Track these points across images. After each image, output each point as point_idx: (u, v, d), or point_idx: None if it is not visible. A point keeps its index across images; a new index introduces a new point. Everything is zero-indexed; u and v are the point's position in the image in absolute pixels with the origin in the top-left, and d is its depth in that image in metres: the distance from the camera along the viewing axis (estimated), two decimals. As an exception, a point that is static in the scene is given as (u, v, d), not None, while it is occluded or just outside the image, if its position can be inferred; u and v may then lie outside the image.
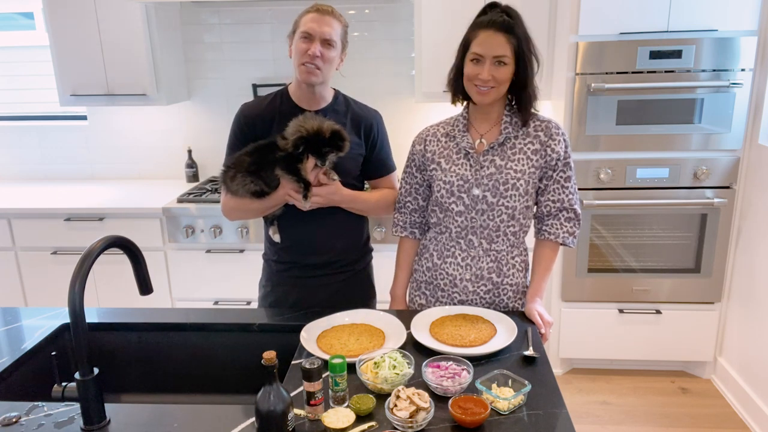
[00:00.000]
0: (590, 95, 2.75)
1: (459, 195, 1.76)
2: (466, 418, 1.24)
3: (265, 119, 1.81)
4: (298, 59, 1.74)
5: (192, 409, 1.34)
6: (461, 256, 1.81)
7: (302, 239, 1.87)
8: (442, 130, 1.86)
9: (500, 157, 1.74)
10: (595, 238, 2.95)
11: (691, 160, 2.81)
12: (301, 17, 1.76)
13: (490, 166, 1.74)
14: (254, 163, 1.74)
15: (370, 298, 2.06)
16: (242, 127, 1.83)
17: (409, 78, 3.36)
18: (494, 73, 1.65)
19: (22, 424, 1.29)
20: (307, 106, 1.82)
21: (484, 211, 1.75)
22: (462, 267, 1.81)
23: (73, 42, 3.07)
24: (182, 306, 3.15)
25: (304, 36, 1.73)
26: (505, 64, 1.65)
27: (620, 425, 2.78)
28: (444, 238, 1.83)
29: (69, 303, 1.20)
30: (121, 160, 3.62)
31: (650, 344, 3.07)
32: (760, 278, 2.72)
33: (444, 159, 1.80)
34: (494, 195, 1.73)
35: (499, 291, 1.81)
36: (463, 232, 1.79)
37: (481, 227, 1.77)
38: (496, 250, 1.79)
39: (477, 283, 1.80)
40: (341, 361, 1.31)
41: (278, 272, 1.95)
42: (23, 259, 3.15)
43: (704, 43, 2.66)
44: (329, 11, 1.77)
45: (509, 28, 1.64)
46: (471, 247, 1.79)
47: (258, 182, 1.74)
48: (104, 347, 1.74)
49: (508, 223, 1.76)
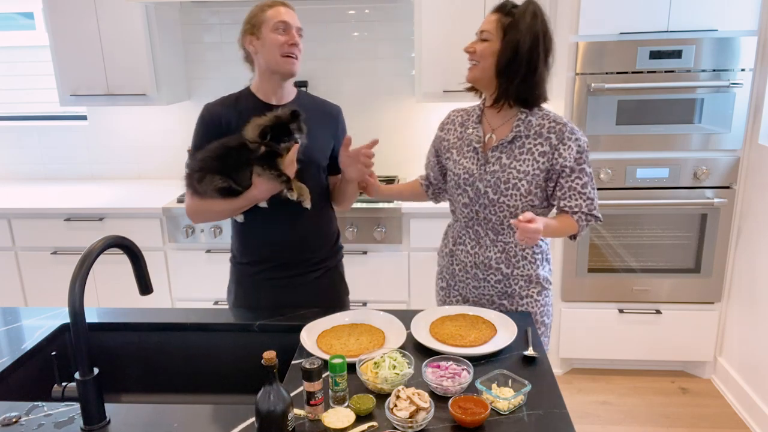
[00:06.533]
0: (590, 95, 2.75)
1: (464, 188, 1.80)
2: (466, 418, 1.24)
3: (231, 117, 1.77)
4: (278, 51, 1.71)
5: (192, 409, 1.34)
6: (470, 245, 1.84)
7: (275, 239, 1.84)
8: (460, 119, 1.88)
9: (507, 156, 1.73)
10: (595, 238, 2.95)
11: (691, 160, 2.81)
12: (263, 12, 1.73)
13: (495, 163, 1.74)
14: (224, 164, 1.70)
15: (345, 295, 2.04)
16: (208, 126, 1.78)
17: (409, 78, 3.36)
18: (476, 45, 1.69)
19: (22, 424, 1.29)
20: (276, 101, 1.80)
21: (486, 205, 1.77)
22: (472, 255, 1.84)
23: (73, 42, 3.07)
24: (182, 306, 3.15)
25: (280, 27, 1.71)
26: (487, 40, 1.67)
27: (620, 425, 2.78)
28: (458, 226, 1.89)
29: (69, 303, 1.20)
30: (121, 160, 3.62)
31: (650, 344, 3.07)
32: (760, 278, 2.72)
33: (456, 150, 1.84)
34: (495, 192, 1.74)
35: (510, 281, 1.82)
36: (471, 222, 1.83)
37: (485, 220, 1.80)
38: (503, 242, 1.79)
39: (486, 272, 1.82)
40: (341, 361, 1.31)
41: (250, 275, 1.90)
42: (23, 259, 3.16)
43: (704, 43, 2.66)
44: (290, 5, 1.77)
45: (504, 9, 1.67)
46: (479, 237, 1.82)
47: (227, 180, 1.70)
48: (104, 347, 1.74)
49: (510, 218, 1.75)
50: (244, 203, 1.74)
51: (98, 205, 3.08)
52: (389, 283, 3.05)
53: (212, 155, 1.71)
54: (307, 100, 1.90)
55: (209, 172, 1.71)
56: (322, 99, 1.95)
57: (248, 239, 1.88)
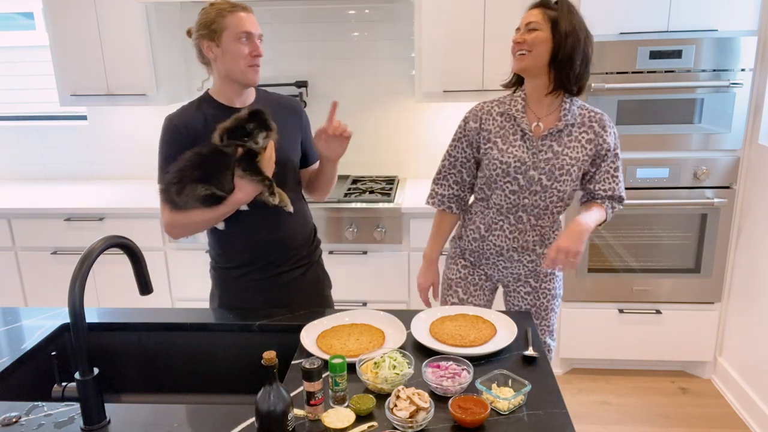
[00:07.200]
0: (590, 95, 2.75)
1: (515, 176, 1.84)
2: (466, 418, 1.24)
3: (196, 125, 1.74)
4: (243, 62, 1.71)
5: (192, 409, 1.35)
6: (509, 230, 1.91)
7: (258, 240, 1.83)
8: (497, 109, 1.89)
9: (557, 143, 1.82)
10: (595, 238, 2.95)
11: (691, 160, 2.81)
12: (222, 18, 1.69)
13: (547, 151, 1.82)
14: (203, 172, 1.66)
15: (328, 288, 2.06)
16: (174, 137, 1.74)
17: (409, 78, 3.36)
18: (526, 36, 1.75)
19: (22, 424, 1.29)
20: (239, 104, 1.79)
21: (537, 192, 1.85)
22: (510, 239, 1.92)
23: (73, 42, 3.07)
24: (182, 306, 3.15)
25: (243, 37, 1.70)
26: (537, 30, 1.74)
27: (620, 425, 2.78)
28: (492, 213, 1.93)
29: (69, 303, 1.21)
30: (121, 160, 3.62)
31: (650, 344, 3.07)
32: (760, 278, 2.72)
33: (501, 139, 1.86)
34: (549, 179, 1.83)
35: (539, 261, 1.96)
36: (514, 209, 1.89)
37: (531, 206, 1.87)
38: (541, 225, 1.91)
39: (522, 253, 1.94)
40: (341, 361, 1.31)
41: (235, 278, 1.89)
42: (23, 259, 3.16)
43: (704, 43, 2.66)
44: (250, 9, 1.75)
45: (546, 4, 1.76)
46: (519, 222, 1.90)
47: (210, 187, 1.66)
48: (104, 347, 1.74)
49: (557, 203, 1.88)
50: (227, 209, 1.71)
51: (98, 205, 3.08)
52: (389, 283, 3.05)
53: (189, 165, 1.67)
54: (267, 98, 1.89)
55: (189, 182, 1.66)
56: (282, 95, 1.93)
57: (230, 244, 1.86)
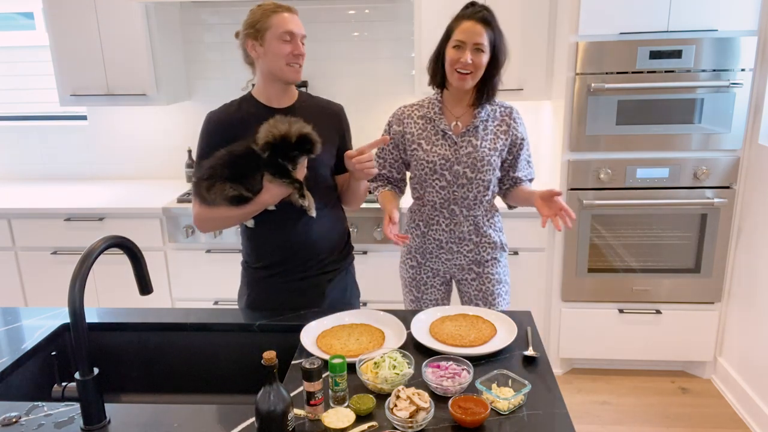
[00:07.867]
0: (590, 95, 2.75)
1: (441, 172, 2.01)
2: (466, 418, 1.24)
3: (235, 124, 1.77)
4: (283, 60, 1.73)
5: (192, 409, 1.35)
6: (445, 223, 2.08)
7: (287, 241, 1.84)
8: (417, 112, 2.08)
9: (475, 138, 2.00)
10: (595, 238, 2.95)
11: (691, 160, 2.81)
12: (267, 18, 1.72)
13: (467, 146, 2.00)
14: (234, 171, 1.68)
15: (356, 297, 2.05)
16: (212, 134, 1.78)
17: (409, 78, 3.36)
18: (474, 58, 1.89)
19: (22, 424, 1.29)
20: (277, 105, 1.81)
21: (464, 185, 2.01)
22: (447, 232, 2.09)
23: (73, 42, 3.07)
24: (182, 306, 3.15)
25: (286, 36, 1.72)
26: (483, 51, 1.89)
27: (620, 425, 2.78)
28: (427, 209, 2.09)
29: (69, 303, 1.21)
30: (121, 160, 3.62)
31: (650, 344, 3.07)
32: (760, 278, 2.72)
33: (424, 140, 2.04)
34: (473, 171, 2.00)
35: (479, 249, 2.11)
36: (446, 203, 2.05)
37: (462, 198, 2.03)
38: (474, 215, 2.07)
39: (460, 244, 2.10)
40: (341, 361, 1.31)
41: (263, 278, 1.90)
42: (23, 259, 3.16)
43: (704, 43, 2.66)
44: (294, 10, 1.77)
45: (488, 21, 1.89)
46: (453, 215, 2.06)
47: (238, 187, 1.68)
48: (104, 347, 1.74)
49: (484, 193, 2.04)
50: (254, 208, 1.74)
51: (98, 205, 3.08)
52: (389, 283, 3.05)
53: (221, 163, 1.70)
54: (309, 101, 1.90)
55: (218, 180, 1.69)
56: (324, 99, 1.95)
57: (259, 243, 1.88)
